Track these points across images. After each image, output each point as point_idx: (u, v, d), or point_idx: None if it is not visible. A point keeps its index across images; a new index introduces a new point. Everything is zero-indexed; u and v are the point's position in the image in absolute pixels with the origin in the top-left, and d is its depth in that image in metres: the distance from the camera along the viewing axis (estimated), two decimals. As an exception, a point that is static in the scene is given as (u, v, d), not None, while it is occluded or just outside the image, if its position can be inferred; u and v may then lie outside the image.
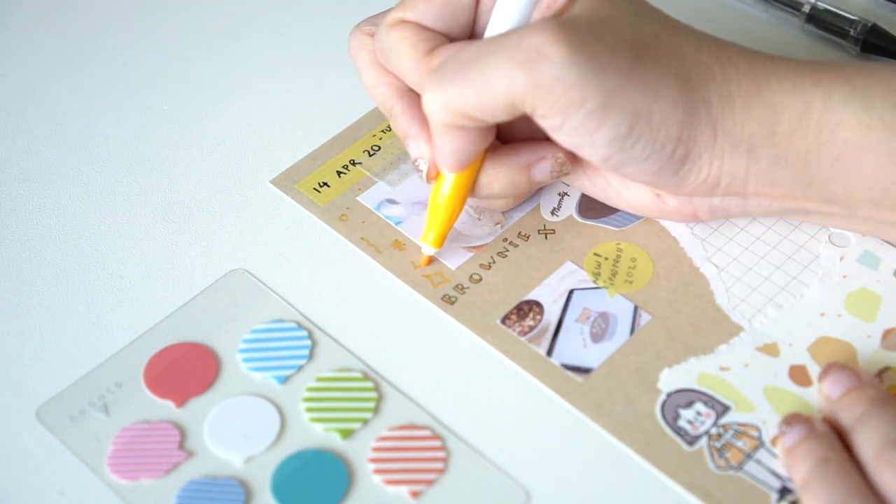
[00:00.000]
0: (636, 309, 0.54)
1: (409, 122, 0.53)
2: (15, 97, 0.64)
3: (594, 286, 0.55)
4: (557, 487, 0.49)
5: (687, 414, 0.51)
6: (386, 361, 0.53)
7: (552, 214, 0.58)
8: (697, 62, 0.51)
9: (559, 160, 0.53)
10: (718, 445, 0.50)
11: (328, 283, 0.56)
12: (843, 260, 0.56)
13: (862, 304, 0.54)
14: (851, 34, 0.65)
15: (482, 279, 0.55)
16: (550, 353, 0.53)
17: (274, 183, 0.60)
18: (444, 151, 0.51)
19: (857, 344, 0.53)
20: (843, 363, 0.51)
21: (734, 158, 0.51)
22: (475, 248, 0.57)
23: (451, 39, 0.53)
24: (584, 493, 0.49)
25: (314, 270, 0.56)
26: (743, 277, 0.55)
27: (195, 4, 0.69)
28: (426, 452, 0.50)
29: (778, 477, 0.49)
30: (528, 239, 0.57)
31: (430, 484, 0.49)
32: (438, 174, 0.53)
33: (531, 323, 0.54)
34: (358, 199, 0.59)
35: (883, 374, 0.52)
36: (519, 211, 0.58)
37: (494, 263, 0.56)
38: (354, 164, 0.60)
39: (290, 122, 0.63)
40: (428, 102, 0.50)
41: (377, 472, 0.50)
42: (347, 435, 0.51)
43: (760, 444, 0.50)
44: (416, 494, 0.49)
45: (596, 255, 0.56)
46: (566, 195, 0.58)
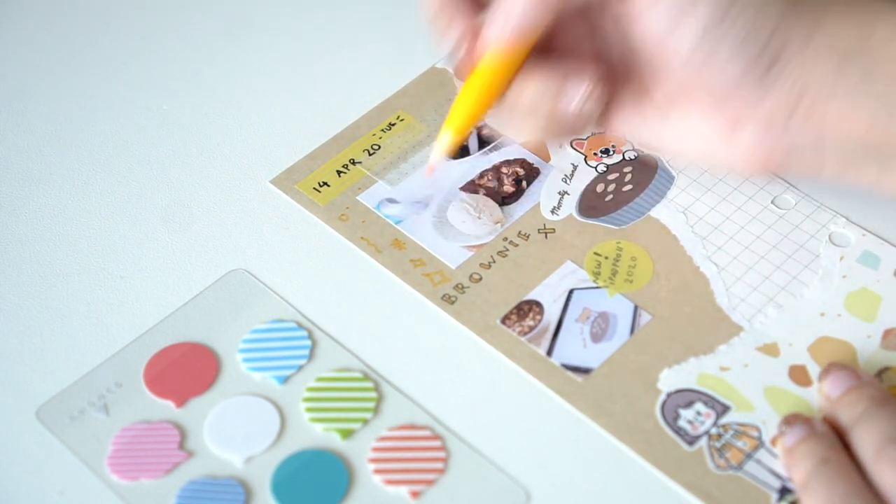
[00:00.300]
0: (636, 309, 0.54)
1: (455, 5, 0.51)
2: (15, 97, 0.64)
3: (594, 286, 0.55)
4: (557, 487, 0.49)
5: (687, 414, 0.51)
6: (386, 361, 0.53)
7: (552, 213, 0.58)
8: None
9: (591, 83, 0.50)
10: (718, 445, 0.50)
11: (328, 282, 0.56)
12: (843, 260, 0.56)
13: (862, 303, 0.54)
14: None
15: (482, 278, 0.55)
16: (550, 353, 0.53)
17: (274, 183, 0.60)
18: (513, 12, 0.49)
19: (857, 344, 0.53)
20: (843, 363, 0.51)
21: (824, 67, 0.49)
22: (475, 247, 0.57)
23: None
24: (584, 493, 0.49)
25: (314, 270, 0.56)
26: (743, 277, 0.55)
27: (195, 4, 0.69)
28: (426, 452, 0.50)
29: (778, 477, 0.49)
30: (528, 238, 0.57)
31: (430, 484, 0.49)
32: (472, 70, 0.51)
33: (531, 323, 0.54)
34: (358, 198, 0.59)
35: (883, 374, 0.52)
36: (519, 210, 0.58)
37: (494, 263, 0.56)
38: (354, 163, 0.60)
39: (290, 122, 0.63)
40: None
41: (377, 472, 0.50)
42: (347, 435, 0.51)
43: (760, 444, 0.50)
44: (416, 494, 0.49)
45: (596, 254, 0.56)
46: (566, 194, 0.58)
